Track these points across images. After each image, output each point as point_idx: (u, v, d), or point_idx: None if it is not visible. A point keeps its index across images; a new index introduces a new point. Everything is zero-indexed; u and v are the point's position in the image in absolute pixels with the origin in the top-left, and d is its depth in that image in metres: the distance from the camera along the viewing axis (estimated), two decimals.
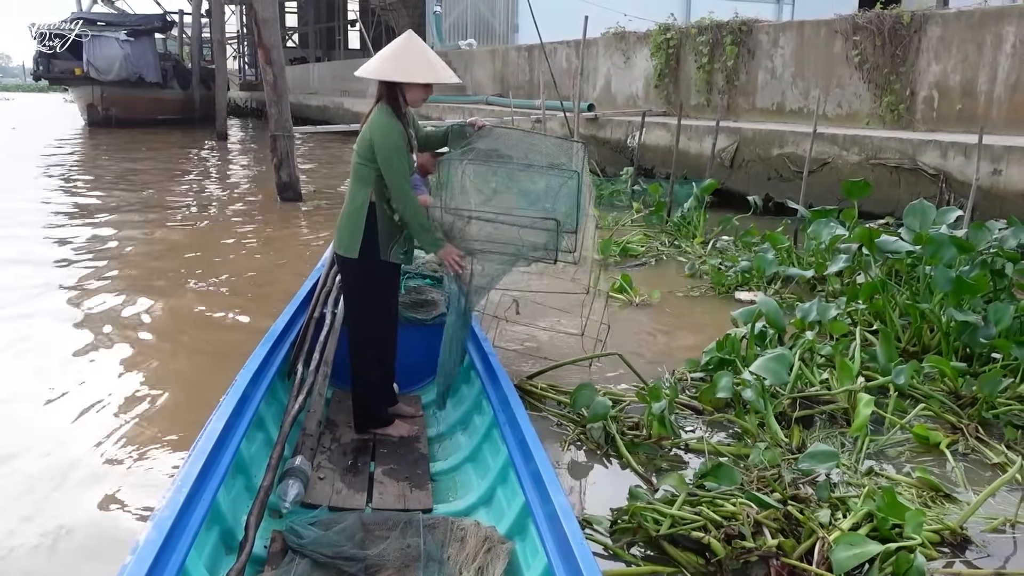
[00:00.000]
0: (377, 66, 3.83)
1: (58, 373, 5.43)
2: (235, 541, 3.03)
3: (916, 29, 10.46)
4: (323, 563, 2.88)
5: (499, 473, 3.62)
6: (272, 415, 4.07)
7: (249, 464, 3.58)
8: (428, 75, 3.85)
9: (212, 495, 2.87)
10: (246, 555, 2.74)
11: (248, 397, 3.59)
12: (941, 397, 4.77)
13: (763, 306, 5.17)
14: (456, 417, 4.43)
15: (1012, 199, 7.90)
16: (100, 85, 29.40)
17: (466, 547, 3.01)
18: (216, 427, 3.15)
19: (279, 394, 4.24)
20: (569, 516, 2.66)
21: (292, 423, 3.62)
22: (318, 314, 4.60)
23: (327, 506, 3.41)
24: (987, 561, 3.37)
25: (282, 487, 3.35)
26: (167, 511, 2.56)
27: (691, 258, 8.61)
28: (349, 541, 2.99)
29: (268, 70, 11.90)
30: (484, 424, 4.10)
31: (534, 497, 3.00)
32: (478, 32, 25.21)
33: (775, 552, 3.26)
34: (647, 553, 3.39)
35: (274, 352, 4.16)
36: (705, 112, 13.65)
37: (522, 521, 3.17)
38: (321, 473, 3.70)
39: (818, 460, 3.90)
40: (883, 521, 3.44)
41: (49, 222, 11.07)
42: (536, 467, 3.05)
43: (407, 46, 3.86)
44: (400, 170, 3.79)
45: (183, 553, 2.51)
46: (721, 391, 4.56)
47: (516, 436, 3.42)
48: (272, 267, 8.54)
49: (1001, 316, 5.05)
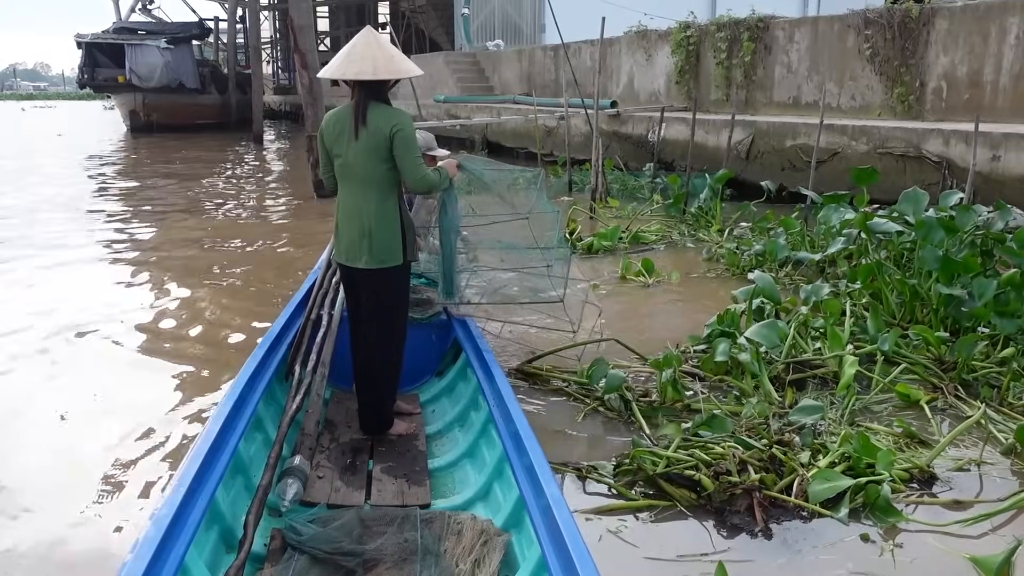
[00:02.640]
0: (372, 66, 3.68)
1: (92, 352, 5.85)
2: (235, 539, 3.03)
3: (924, 22, 10.85)
4: (322, 559, 2.91)
5: (495, 467, 3.66)
6: (270, 415, 4.06)
7: (248, 464, 3.58)
8: (415, 70, 3.85)
9: (211, 494, 2.87)
10: (245, 552, 2.76)
11: (246, 398, 3.59)
12: (925, 362, 5.16)
13: (760, 282, 5.61)
14: (454, 414, 4.45)
15: (1011, 183, 8.29)
16: (142, 92, 30.18)
17: (463, 540, 3.05)
18: (214, 428, 3.16)
19: (277, 395, 4.22)
20: (562, 508, 2.68)
21: (290, 423, 3.64)
22: (315, 315, 4.59)
23: (326, 503, 3.44)
24: (950, 495, 3.76)
25: (281, 486, 3.36)
26: (166, 509, 2.58)
27: (708, 244, 9.01)
28: (347, 537, 3.01)
29: (304, 74, 12.51)
30: (480, 420, 4.13)
31: (528, 490, 3.01)
32: (505, 33, 25.61)
33: (758, 486, 3.68)
34: (646, 491, 3.80)
35: (271, 353, 4.15)
36: (724, 107, 14.05)
37: (517, 514, 3.20)
38: (320, 472, 3.70)
39: (806, 413, 4.34)
40: (857, 460, 3.86)
41: (99, 218, 11.73)
42: (530, 461, 3.05)
43: (380, 43, 3.77)
44: (419, 154, 3.83)
45: (182, 551, 2.53)
46: (719, 355, 4.99)
47: (511, 431, 3.42)
48: (310, 258, 9.01)
49: (985, 290, 5.41)
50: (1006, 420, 4.47)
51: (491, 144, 19.52)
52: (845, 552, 3.35)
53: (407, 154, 3.73)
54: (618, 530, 3.52)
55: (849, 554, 3.33)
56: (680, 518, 3.62)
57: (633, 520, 3.62)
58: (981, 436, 4.26)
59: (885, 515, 3.56)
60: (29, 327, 6.44)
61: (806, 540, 3.43)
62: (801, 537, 3.46)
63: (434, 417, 4.55)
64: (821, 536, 3.46)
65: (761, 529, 3.49)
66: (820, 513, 3.58)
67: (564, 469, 3.97)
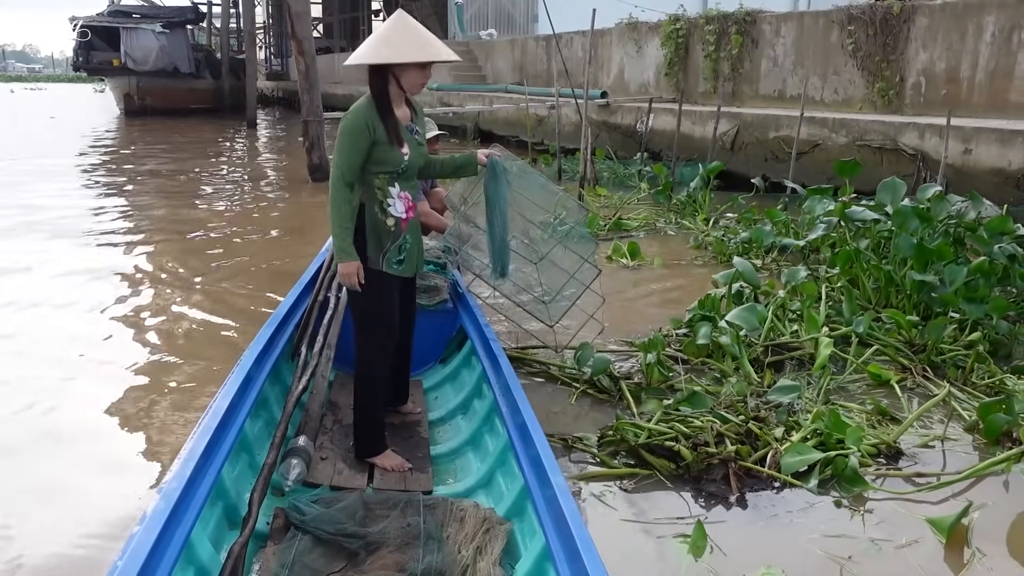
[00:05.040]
0: (364, 52, 3.41)
1: (83, 338, 5.86)
2: (238, 517, 3.02)
3: (905, 19, 11.13)
4: (324, 540, 2.90)
5: (498, 456, 3.66)
6: (276, 396, 4.06)
7: (253, 443, 3.60)
8: (420, 54, 3.39)
9: (217, 472, 2.89)
10: (249, 530, 2.74)
11: (252, 378, 3.60)
12: (897, 344, 5.40)
13: (740, 267, 5.84)
14: (457, 402, 4.45)
15: (981, 175, 8.59)
16: (136, 76, 30.24)
17: (465, 527, 3.05)
18: (221, 405, 3.16)
19: (283, 375, 4.22)
20: (568, 498, 2.66)
21: (295, 404, 3.63)
22: (322, 297, 4.57)
23: (329, 485, 3.44)
24: (914, 468, 4.00)
25: (285, 466, 3.34)
26: (174, 483, 2.59)
27: (695, 232, 9.24)
28: (350, 519, 3.00)
29: (300, 60, 12.65)
30: (484, 409, 4.13)
31: (533, 480, 3.02)
32: (499, 22, 25.76)
33: (734, 457, 3.89)
34: (628, 461, 4.00)
35: (278, 334, 4.16)
36: (712, 99, 14.25)
37: (520, 503, 3.20)
38: (323, 453, 3.70)
39: (783, 392, 4.58)
40: (828, 436, 4.07)
41: (94, 202, 11.81)
42: (536, 451, 3.05)
43: (397, 27, 3.43)
44: (340, 154, 3.39)
45: (188, 526, 2.55)
46: (701, 338, 5.21)
47: (516, 421, 3.42)
48: (305, 240, 9.14)
49: (955, 277, 5.65)
50: (970, 399, 4.72)
51: (483, 132, 19.71)
52: (814, 517, 3.56)
53: (335, 151, 3.46)
54: (601, 494, 3.73)
55: (818, 518, 3.55)
56: (659, 487, 3.80)
57: (615, 487, 3.80)
58: (947, 414, 4.49)
59: (852, 485, 3.78)
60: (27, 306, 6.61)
61: (777, 507, 3.64)
62: (773, 504, 3.66)
63: (437, 404, 4.54)
64: (792, 504, 3.66)
65: (736, 497, 3.69)
66: (792, 483, 3.78)
67: (550, 439, 4.10)
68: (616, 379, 4.86)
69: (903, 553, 3.31)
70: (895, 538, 3.41)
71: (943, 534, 3.38)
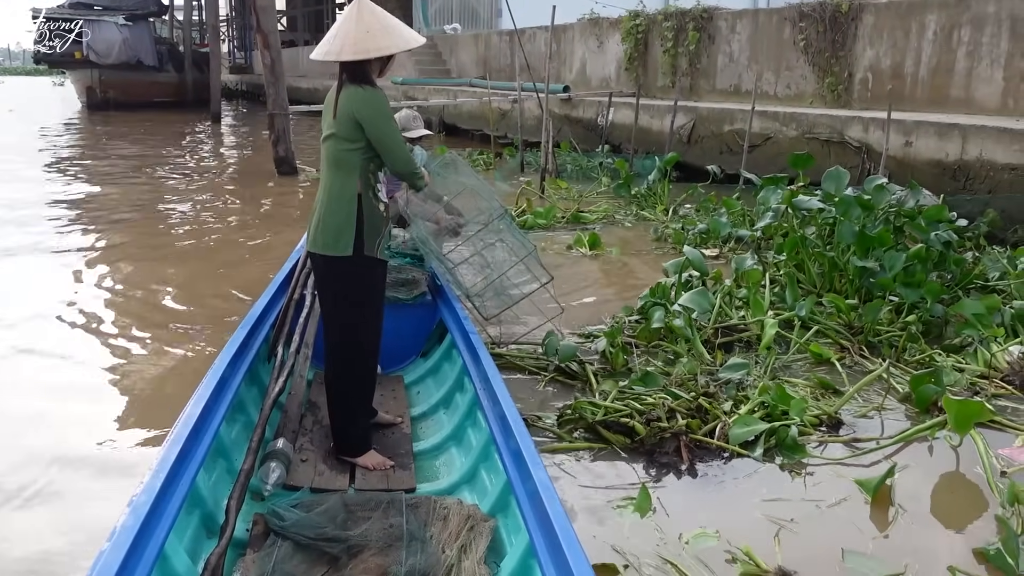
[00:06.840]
0: (363, 45, 3.39)
1: (49, 340, 5.80)
2: (216, 525, 2.93)
3: (853, 17, 11.58)
4: (305, 545, 2.84)
5: (481, 451, 3.61)
6: (253, 398, 3.95)
7: (230, 447, 3.49)
8: (413, 40, 3.53)
9: (191, 479, 2.79)
10: (227, 538, 2.68)
11: (227, 380, 3.48)
12: (837, 327, 5.74)
13: (688, 255, 6.16)
14: (439, 396, 4.40)
15: (920, 167, 9.04)
16: (99, 69, 29.92)
17: (449, 525, 3.02)
18: (195, 411, 3.04)
19: (260, 377, 4.10)
20: (551, 493, 2.62)
21: (273, 405, 3.54)
22: (298, 295, 4.49)
23: (309, 487, 3.38)
24: (852, 435, 4.33)
25: (264, 470, 3.28)
26: (144, 496, 2.48)
27: (655, 223, 9.54)
28: (331, 522, 2.95)
29: (266, 54, 12.78)
30: (466, 402, 4.07)
31: (515, 475, 2.97)
32: (463, 17, 25.86)
33: (685, 430, 4.16)
34: (586, 437, 4.25)
35: (254, 334, 4.04)
36: (671, 93, 14.52)
37: (504, 499, 3.15)
38: (303, 455, 3.62)
39: (733, 370, 4.90)
40: (774, 408, 4.39)
41: (56, 197, 11.78)
42: (517, 445, 2.98)
43: (375, 13, 3.45)
44: (399, 136, 3.56)
45: (162, 538, 2.46)
46: (656, 322, 5.50)
47: (497, 414, 3.35)
48: (272, 235, 9.30)
49: (895, 263, 5.97)
50: (903, 374, 5.07)
51: (447, 126, 19.93)
52: (758, 482, 3.87)
53: (383, 138, 3.46)
54: (559, 464, 4.00)
55: (761, 484, 3.86)
56: (615, 458, 4.06)
57: (572, 460, 4.03)
58: (883, 388, 4.84)
59: (793, 452, 4.10)
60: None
61: (726, 475, 3.93)
62: (721, 473, 3.95)
63: (419, 399, 4.50)
64: (739, 472, 3.96)
65: (687, 467, 3.96)
66: (739, 453, 4.07)
67: None
68: (583, 364, 5.06)
69: (834, 511, 3.63)
70: (828, 499, 3.73)
71: (869, 493, 3.72)
